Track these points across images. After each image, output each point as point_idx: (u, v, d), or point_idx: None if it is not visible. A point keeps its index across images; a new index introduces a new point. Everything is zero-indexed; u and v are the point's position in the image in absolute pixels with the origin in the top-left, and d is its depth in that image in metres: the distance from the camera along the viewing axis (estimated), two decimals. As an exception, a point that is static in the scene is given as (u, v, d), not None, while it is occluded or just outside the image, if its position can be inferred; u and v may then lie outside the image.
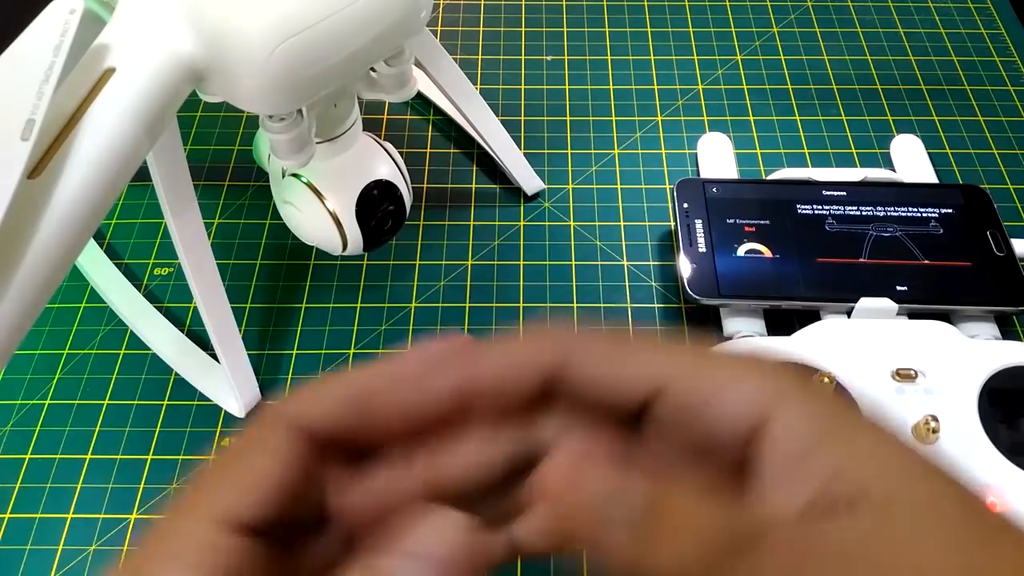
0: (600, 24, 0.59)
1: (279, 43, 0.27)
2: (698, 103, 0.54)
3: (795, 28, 0.59)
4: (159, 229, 0.48)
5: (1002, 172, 0.50)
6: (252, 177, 0.50)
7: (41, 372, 0.42)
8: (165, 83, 0.27)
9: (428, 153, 0.52)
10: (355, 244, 0.39)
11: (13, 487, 0.39)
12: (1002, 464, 0.34)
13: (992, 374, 0.37)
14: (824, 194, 0.46)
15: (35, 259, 0.24)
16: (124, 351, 0.43)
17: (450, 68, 0.42)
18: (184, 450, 0.40)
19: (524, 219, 0.48)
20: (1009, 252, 0.43)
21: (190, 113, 0.53)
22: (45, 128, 0.24)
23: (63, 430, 0.40)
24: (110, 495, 0.38)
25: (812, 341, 0.39)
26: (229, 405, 0.41)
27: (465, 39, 0.58)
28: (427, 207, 0.49)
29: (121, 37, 0.27)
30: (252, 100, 0.29)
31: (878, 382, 0.37)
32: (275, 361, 0.43)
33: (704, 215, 0.45)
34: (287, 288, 0.46)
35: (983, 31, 0.59)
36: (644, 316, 0.44)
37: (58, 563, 0.36)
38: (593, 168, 0.51)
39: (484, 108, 0.45)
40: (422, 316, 0.44)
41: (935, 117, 0.53)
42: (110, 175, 0.25)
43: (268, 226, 0.48)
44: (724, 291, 0.42)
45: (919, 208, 0.45)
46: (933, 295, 0.42)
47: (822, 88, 0.55)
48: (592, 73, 0.56)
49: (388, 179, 0.39)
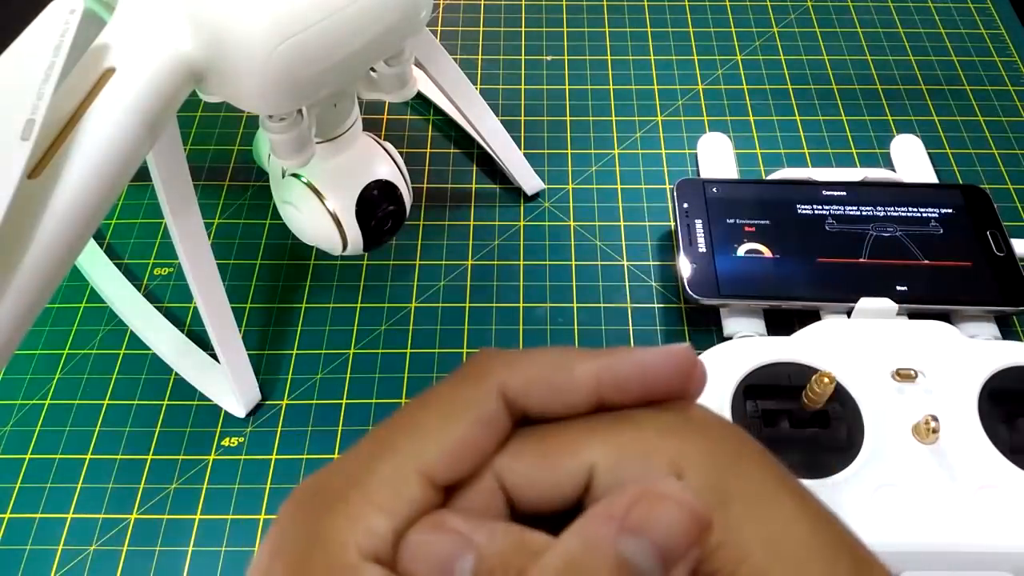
0: (600, 24, 0.59)
1: (279, 43, 0.27)
2: (698, 103, 0.54)
3: (795, 28, 0.59)
4: (159, 229, 0.48)
5: (1002, 172, 0.50)
6: (252, 177, 0.50)
7: (41, 372, 0.42)
8: (165, 83, 0.27)
9: (428, 153, 0.52)
10: (355, 244, 0.39)
11: (13, 487, 0.39)
12: (1002, 464, 0.34)
13: (992, 374, 0.37)
14: (824, 194, 0.46)
15: (35, 259, 0.24)
16: (124, 351, 0.43)
17: (450, 68, 0.42)
18: (184, 450, 0.40)
19: (524, 219, 0.48)
20: (1009, 252, 0.43)
21: (190, 113, 0.53)
22: (45, 128, 0.24)
23: (63, 430, 0.40)
24: (110, 495, 0.38)
25: (812, 341, 0.39)
26: (229, 405, 0.41)
27: (465, 39, 0.58)
28: (427, 207, 0.49)
29: (121, 37, 0.27)
30: (252, 100, 0.29)
31: (878, 382, 0.37)
32: (275, 361, 0.43)
33: (704, 215, 0.45)
34: (287, 288, 0.46)
35: (983, 31, 0.59)
36: (644, 316, 0.44)
37: (58, 563, 0.36)
38: (593, 168, 0.51)
39: (484, 108, 0.45)
40: (422, 316, 0.44)
41: (935, 117, 0.53)
42: (110, 175, 0.25)
43: (268, 226, 0.48)
44: (724, 291, 0.42)
45: (919, 208, 0.45)
46: (933, 295, 0.42)
47: (822, 88, 0.55)
48: (592, 73, 0.56)
49: (388, 179, 0.39)
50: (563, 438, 0.17)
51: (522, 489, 0.17)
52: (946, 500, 0.33)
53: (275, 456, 0.40)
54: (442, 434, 0.17)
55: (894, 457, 0.34)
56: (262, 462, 0.39)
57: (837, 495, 0.33)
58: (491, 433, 0.17)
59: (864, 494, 0.34)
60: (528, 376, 0.17)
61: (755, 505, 0.16)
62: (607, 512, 0.15)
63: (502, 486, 0.17)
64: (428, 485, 0.16)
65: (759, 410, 0.36)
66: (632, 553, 0.14)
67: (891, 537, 0.33)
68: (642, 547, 0.14)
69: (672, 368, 0.17)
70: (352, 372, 0.42)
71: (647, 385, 0.17)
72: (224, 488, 0.39)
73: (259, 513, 0.38)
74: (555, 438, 0.17)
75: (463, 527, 0.16)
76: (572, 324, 0.44)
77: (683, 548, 0.15)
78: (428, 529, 0.16)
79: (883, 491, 0.34)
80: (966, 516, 0.33)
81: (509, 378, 0.17)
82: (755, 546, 0.15)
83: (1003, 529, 0.33)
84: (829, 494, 0.33)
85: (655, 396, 0.17)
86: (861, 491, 0.34)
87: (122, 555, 0.37)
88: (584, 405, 0.17)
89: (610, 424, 0.17)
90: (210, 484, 0.39)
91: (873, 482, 0.34)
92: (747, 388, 0.36)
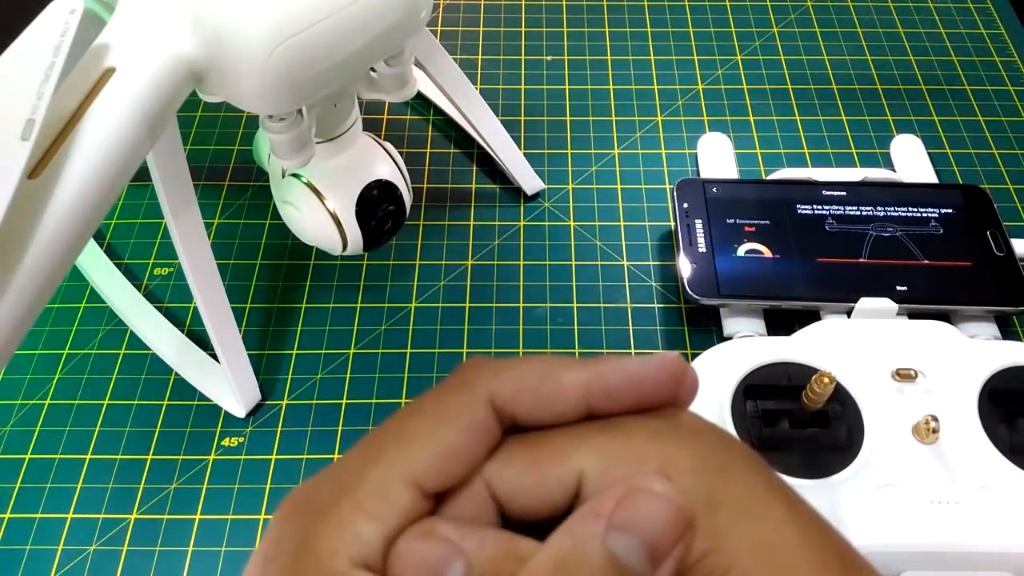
0: (600, 24, 0.59)
1: (279, 43, 0.27)
2: (698, 103, 0.54)
3: (795, 28, 0.59)
4: (159, 229, 0.48)
5: (1002, 172, 0.50)
6: (252, 177, 0.50)
7: (41, 372, 0.42)
8: (165, 83, 0.27)
9: (428, 153, 0.52)
10: (355, 244, 0.39)
11: (13, 487, 0.39)
12: (1002, 464, 0.34)
13: (992, 374, 0.37)
14: (824, 194, 0.46)
15: (35, 259, 0.24)
16: (124, 351, 0.43)
17: (450, 68, 0.42)
18: (184, 450, 0.40)
19: (524, 219, 0.48)
20: (1009, 252, 0.43)
21: (190, 113, 0.53)
22: (45, 128, 0.24)
23: (63, 430, 0.40)
24: (110, 495, 0.38)
25: (812, 341, 0.39)
26: (229, 405, 0.41)
27: (465, 39, 0.58)
28: (427, 207, 0.49)
29: (121, 37, 0.27)
30: (252, 100, 0.29)
31: (878, 382, 0.37)
32: (275, 361, 0.43)
33: (704, 215, 0.45)
34: (287, 288, 0.46)
35: (983, 31, 0.59)
36: (644, 316, 0.44)
37: (58, 563, 0.36)
38: (593, 168, 0.51)
39: (484, 108, 0.45)
40: (422, 316, 0.44)
41: (935, 117, 0.53)
42: (110, 175, 0.25)
43: (268, 226, 0.48)
44: (724, 291, 0.42)
45: (919, 208, 0.45)
46: (933, 295, 0.42)
47: (822, 88, 0.55)
48: (592, 73, 0.56)
49: (388, 179, 0.39)
50: (552, 445, 0.17)
51: (512, 496, 0.17)
52: (946, 500, 0.33)
53: (275, 456, 0.40)
54: (431, 441, 0.17)
55: (894, 457, 0.34)
56: (262, 462, 0.39)
57: (837, 495, 0.33)
58: (480, 440, 0.17)
59: (864, 494, 0.34)
60: (517, 385, 0.17)
61: (744, 510, 0.16)
62: (595, 510, 0.15)
63: (492, 494, 0.17)
64: (418, 493, 0.16)
65: (759, 410, 0.36)
66: (620, 549, 0.14)
67: (891, 537, 0.33)
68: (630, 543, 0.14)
69: (662, 377, 0.17)
70: (352, 372, 0.42)
71: (636, 394, 0.17)
72: (224, 488, 0.39)
73: (259, 513, 0.38)
74: (544, 445, 0.17)
75: (453, 534, 0.16)
76: (572, 324, 0.44)
77: (669, 543, 0.15)
78: (418, 536, 0.16)
79: (883, 491, 0.34)
80: (966, 516, 0.33)
81: (498, 386, 0.17)
82: (745, 551, 0.15)
83: (1003, 529, 0.33)
84: (829, 494, 0.33)
85: (645, 404, 0.18)
86: (861, 491, 0.34)
87: (122, 555, 0.37)
88: (573, 414, 0.17)
89: (599, 431, 0.17)
90: (210, 484, 0.39)
91: (873, 482, 0.34)
92: (747, 388, 0.36)
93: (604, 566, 0.14)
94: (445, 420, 0.17)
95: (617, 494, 0.15)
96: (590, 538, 0.15)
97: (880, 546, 0.33)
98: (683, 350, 0.43)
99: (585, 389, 0.17)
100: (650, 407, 0.18)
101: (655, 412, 0.18)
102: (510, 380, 0.17)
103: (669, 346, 0.43)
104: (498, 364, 0.18)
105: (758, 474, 0.17)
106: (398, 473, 0.16)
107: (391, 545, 0.16)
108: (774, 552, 0.15)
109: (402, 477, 0.16)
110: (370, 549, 0.16)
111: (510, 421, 0.18)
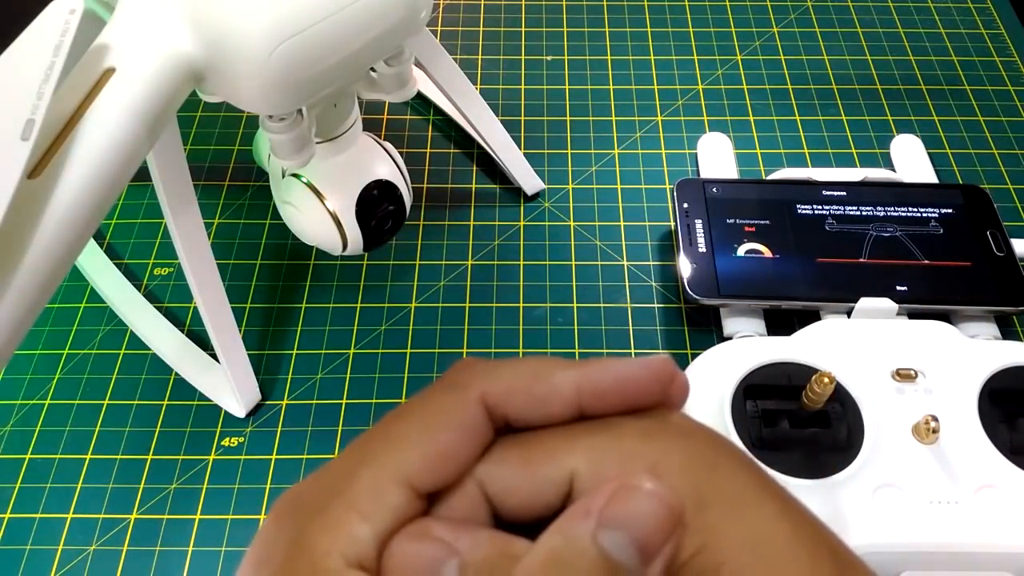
0: (600, 24, 0.59)
1: (279, 43, 0.27)
2: (698, 103, 0.54)
3: (795, 28, 0.59)
4: (159, 229, 0.48)
5: (1002, 172, 0.50)
6: (252, 177, 0.50)
7: (41, 372, 0.42)
8: (165, 83, 0.27)
9: (428, 153, 0.52)
10: (355, 244, 0.39)
11: (13, 487, 0.39)
12: (1002, 464, 0.34)
13: (992, 374, 0.37)
14: (824, 194, 0.46)
15: (35, 259, 0.24)
16: (124, 351, 0.43)
17: (450, 68, 0.42)
18: (184, 450, 0.40)
19: (524, 219, 0.48)
20: (1009, 252, 0.43)
21: (190, 113, 0.53)
22: (45, 128, 0.24)
23: (63, 430, 0.40)
24: (110, 495, 0.38)
25: (812, 341, 0.39)
26: (229, 405, 0.41)
27: (465, 39, 0.58)
28: (427, 207, 0.49)
29: (121, 37, 0.27)
30: (252, 100, 0.29)
31: (878, 382, 0.37)
32: (275, 361, 0.43)
33: (704, 215, 0.45)
34: (287, 288, 0.46)
35: (983, 31, 0.59)
36: (644, 316, 0.44)
37: (58, 563, 0.36)
38: (593, 168, 0.51)
39: (484, 108, 0.45)
40: (422, 316, 0.44)
41: (935, 117, 0.53)
42: (110, 175, 0.25)
43: (268, 226, 0.48)
44: (724, 291, 0.42)
45: (919, 208, 0.45)
46: (933, 295, 0.42)
47: (822, 88, 0.55)
48: (592, 73, 0.56)
49: (388, 179, 0.39)
50: (544, 445, 0.17)
51: (504, 496, 0.17)
52: (946, 500, 0.33)
53: (275, 456, 0.40)
54: (423, 442, 0.17)
55: (894, 457, 0.34)
56: (262, 462, 0.39)
57: (837, 495, 0.33)
58: (472, 440, 0.17)
59: (864, 494, 0.34)
60: (509, 385, 0.17)
61: (735, 508, 0.16)
62: (585, 508, 0.15)
63: (485, 494, 0.17)
64: (410, 493, 0.16)
65: (759, 410, 0.36)
66: (611, 547, 0.14)
67: (891, 537, 0.33)
68: (621, 540, 0.15)
69: (650, 378, 0.18)
70: (352, 372, 0.42)
71: (626, 395, 0.17)
72: (224, 488, 0.39)
73: (259, 513, 0.38)
74: (536, 445, 0.17)
75: (446, 534, 0.16)
76: (572, 324, 0.44)
77: (660, 541, 0.15)
78: (412, 537, 0.16)
79: (883, 491, 0.34)
80: (966, 516, 0.33)
81: (490, 387, 0.17)
82: (736, 547, 0.15)
83: (1003, 529, 0.33)
84: (829, 494, 0.33)
85: (635, 405, 0.18)
86: (861, 491, 0.34)
87: (122, 555, 0.37)
88: (565, 414, 0.18)
89: (590, 431, 0.17)
90: (210, 484, 0.39)
91: (873, 482, 0.34)
92: (747, 388, 0.36)
93: (595, 563, 0.14)
94: (437, 420, 0.17)
95: (607, 492, 0.15)
96: (581, 536, 0.15)
97: (880, 546, 0.33)
98: (683, 350, 0.43)
99: (576, 390, 0.17)
100: (641, 408, 0.18)
101: (646, 413, 0.18)
102: (502, 380, 0.17)
103: (669, 346, 0.43)
104: (490, 364, 0.18)
105: (748, 472, 0.17)
106: (390, 473, 0.16)
107: (384, 545, 0.16)
108: (765, 548, 0.15)
109: (395, 477, 0.16)
110: (364, 549, 0.16)
111: (502, 421, 0.18)
